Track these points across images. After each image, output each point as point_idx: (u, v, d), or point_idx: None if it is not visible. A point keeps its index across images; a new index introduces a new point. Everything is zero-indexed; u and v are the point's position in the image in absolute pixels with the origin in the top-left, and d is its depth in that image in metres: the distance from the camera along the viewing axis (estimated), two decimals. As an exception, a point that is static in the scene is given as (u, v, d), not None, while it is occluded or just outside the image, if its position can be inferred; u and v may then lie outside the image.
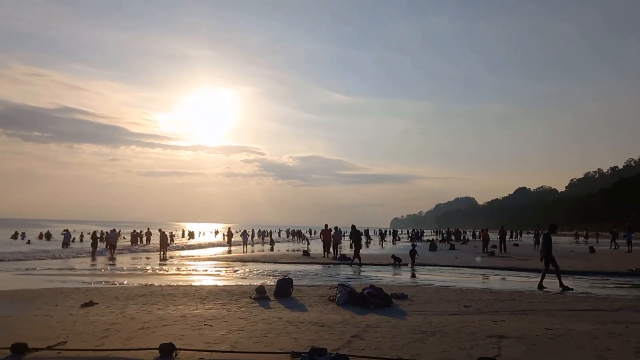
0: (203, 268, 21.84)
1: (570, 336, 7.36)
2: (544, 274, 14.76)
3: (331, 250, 27.64)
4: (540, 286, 14.35)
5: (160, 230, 35.18)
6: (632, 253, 33.33)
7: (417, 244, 35.62)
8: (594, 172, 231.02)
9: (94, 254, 30.89)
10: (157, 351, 6.07)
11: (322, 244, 28.83)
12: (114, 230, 35.33)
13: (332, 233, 28.17)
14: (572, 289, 13.71)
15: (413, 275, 18.51)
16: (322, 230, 29.09)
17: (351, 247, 26.84)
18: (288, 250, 37.67)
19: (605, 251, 36.80)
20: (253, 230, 68.83)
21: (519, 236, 71.27)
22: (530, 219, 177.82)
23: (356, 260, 23.83)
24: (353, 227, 26.39)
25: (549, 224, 16.32)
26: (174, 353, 6.05)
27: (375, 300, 10.45)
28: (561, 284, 14.15)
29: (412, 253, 22.06)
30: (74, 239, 41.29)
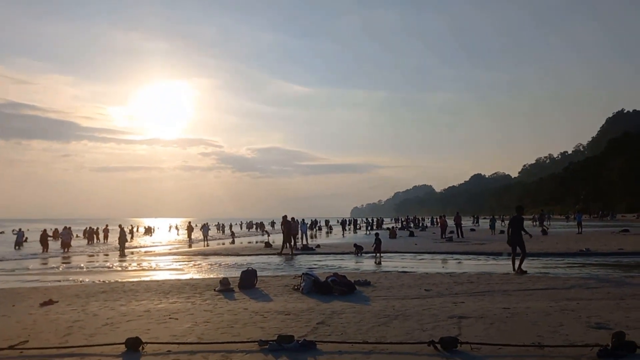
0: (164, 263, 21.57)
1: (526, 314, 7.70)
2: (514, 258, 14.28)
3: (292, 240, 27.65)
4: (521, 270, 13.80)
5: (119, 226, 34.47)
6: (582, 234, 34.73)
7: (371, 232, 35.57)
8: (545, 157, 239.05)
9: (43, 252, 30.10)
10: (123, 346, 6.04)
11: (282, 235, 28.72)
12: (67, 227, 34.36)
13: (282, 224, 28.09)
14: (527, 272, 13.85)
15: (379, 263, 18.77)
16: (283, 221, 29.04)
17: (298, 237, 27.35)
18: (250, 243, 37.54)
19: (557, 233, 38.21)
20: (219, 223, 68.16)
21: (476, 221, 73.07)
22: (486, 204, 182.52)
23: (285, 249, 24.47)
24: (284, 217, 26.40)
25: (516, 205, 16.23)
26: (141, 347, 6.03)
27: (339, 287, 10.61)
28: (520, 268, 13.89)
29: (378, 242, 22.06)
30: (26, 238, 39.93)
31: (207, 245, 35.42)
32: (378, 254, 20.40)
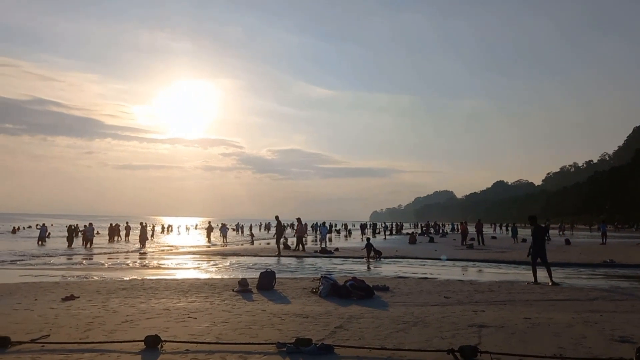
0: (183, 262, 21.75)
1: (548, 325, 7.56)
2: (535, 269, 13.96)
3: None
4: (554, 283, 13.43)
5: (141, 223, 34.93)
6: (606, 245, 34.08)
7: (388, 237, 35.49)
8: (569, 166, 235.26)
9: (69, 247, 30.52)
10: (142, 343, 6.09)
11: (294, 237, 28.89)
12: (91, 224, 34.88)
13: (296, 225, 28.37)
14: (558, 284, 13.26)
15: (368, 268, 18.71)
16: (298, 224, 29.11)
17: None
18: (269, 244, 37.60)
19: (580, 243, 37.56)
20: (238, 224, 68.52)
21: (499, 229, 72.32)
22: (508, 212, 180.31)
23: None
24: (277, 217, 26.55)
25: (529, 215, 15.45)
26: (160, 345, 6.07)
27: (357, 292, 10.57)
28: (551, 280, 13.49)
29: (368, 247, 22.64)
30: (49, 233, 40.60)
31: (226, 246, 35.61)
32: (369, 259, 20.80)
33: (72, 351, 5.96)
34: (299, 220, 29.26)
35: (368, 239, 23.57)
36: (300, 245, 27.79)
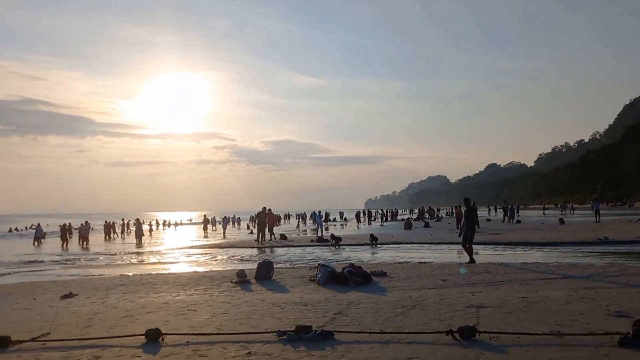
0: (181, 256, 21.75)
1: (545, 303, 7.65)
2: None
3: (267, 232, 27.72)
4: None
5: (137, 219, 34.88)
6: (599, 223, 34.33)
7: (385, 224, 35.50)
8: (561, 146, 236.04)
9: (63, 247, 30.42)
10: (143, 337, 6.12)
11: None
12: (87, 222, 34.77)
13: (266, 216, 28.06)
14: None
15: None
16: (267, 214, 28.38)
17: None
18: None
19: (574, 222, 37.82)
20: (234, 216, 68.51)
21: (494, 211, 72.78)
22: (501, 193, 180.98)
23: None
24: (264, 209, 26.89)
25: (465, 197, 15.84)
26: (161, 338, 6.11)
27: (355, 278, 10.62)
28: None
29: (337, 239, 23.44)
30: (45, 233, 40.43)
31: (225, 238, 35.62)
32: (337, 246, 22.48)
33: (74, 348, 5.98)
34: (265, 209, 28.54)
35: (332, 235, 24.45)
36: (263, 235, 27.04)
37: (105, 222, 43.97)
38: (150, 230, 46.50)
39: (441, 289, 9.73)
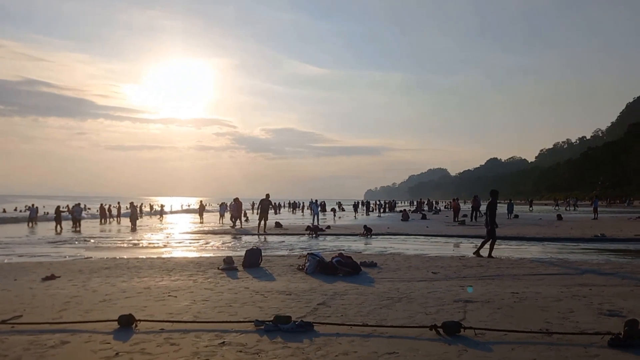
0: (173, 241, 21.53)
1: (536, 299, 7.41)
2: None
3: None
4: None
5: (131, 203, 34.65)
6: (597, 220, 34.14)
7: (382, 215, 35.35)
8: (562, 142, 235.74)
9: (57, 229, 30.16)
10: (115, 323, 5.89)
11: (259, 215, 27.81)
12: (79, 204, 34.44)
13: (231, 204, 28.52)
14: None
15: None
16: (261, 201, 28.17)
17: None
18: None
19: (572, 219, 37.59)
20: (231, 203, 68.10)
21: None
22: (502, 188, 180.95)
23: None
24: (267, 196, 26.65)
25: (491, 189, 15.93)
26: (134, 325, 5.88)
27: (344, 268, 10.39)
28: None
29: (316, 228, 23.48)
30: (41, 213, 40.19)
31: (222, 224, 35.41)
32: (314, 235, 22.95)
33: (43, 332, 5.74)
34: (268, 196, 28.20)
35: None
36: (265, 224, 26.74)
37: (101, 205, 43.75)
38: (141, 213, 46.20)
39: (431, 281, 9.50)
